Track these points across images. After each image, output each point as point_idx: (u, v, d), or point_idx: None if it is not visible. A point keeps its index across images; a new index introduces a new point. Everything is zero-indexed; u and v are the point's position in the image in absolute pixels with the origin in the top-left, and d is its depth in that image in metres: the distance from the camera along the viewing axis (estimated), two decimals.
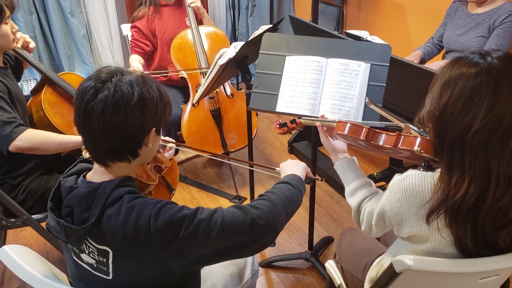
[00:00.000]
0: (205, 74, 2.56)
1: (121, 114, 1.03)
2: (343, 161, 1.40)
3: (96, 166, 1.13)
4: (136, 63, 2.91)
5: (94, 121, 1.03)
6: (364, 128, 1.28)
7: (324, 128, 1.46)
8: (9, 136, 1.73)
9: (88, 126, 1.04)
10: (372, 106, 1.41)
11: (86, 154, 1.72)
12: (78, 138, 1.84)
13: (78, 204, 1.06)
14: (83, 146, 1.10)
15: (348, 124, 1.31)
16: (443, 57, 2.75)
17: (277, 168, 1.44)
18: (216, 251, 1.07)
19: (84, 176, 1.14)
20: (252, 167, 2.32)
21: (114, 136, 1.05)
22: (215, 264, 1.27)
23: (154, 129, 1.11)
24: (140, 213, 1.02)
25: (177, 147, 1.64)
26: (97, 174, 1.12)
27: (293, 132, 1.62)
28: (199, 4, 2.96)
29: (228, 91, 2.98)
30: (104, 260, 1.07)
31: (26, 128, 1.79)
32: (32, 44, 2.09)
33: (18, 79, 2.12)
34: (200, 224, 1.04)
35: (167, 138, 1.62)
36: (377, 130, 1.27)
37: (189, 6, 2.93)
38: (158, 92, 1.10)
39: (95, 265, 1.10)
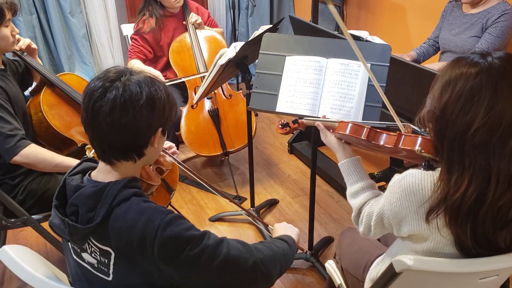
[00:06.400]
0: (204, 78, 2.58)
1: (129, 114, 1.03)
2: (348, 161, 1.38)
3: (101, 164, 1.13)
4: (151, 68, 2.98)
5: (102, 120, 1.04)
6: (366, 128, 1.28)
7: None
8: (12, 150, 1.76)
9: (96, 124, 1.05)
10: None
11: (90, 154, 1.72)
12: (75, 162, 1.84)
13: (84, 203, 1.06)
14: (88, 146, 1.11)
15: (350, 124, 1.32)
16: (439, 58, 2.75)
17: (270, 226, 1.46)
18: (210, 282, 1.08)
19: (89, 175, 1.14)
20: (249, 216, 2.21)
21: (121, 135, 1.06)
22: None
23: (160, 129, 1.12)
24: (150, 221, 1.02)
25: (175, 158, 1.66)
26: (102, 173, 1.13)
27: (294, 132, 1.62)
28: (200, 20, 3.04)
29: (226, 92, 2.99)
30: (106, 260, 1.07)
31: (29, 142, 1.80)
32: (33, 46, 2.09)
33: (25, 88, 2.12)
34: (205, 250, 1.04)
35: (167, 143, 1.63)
36: (378, 130, 1.27)
37: (192, 24, 3.01)
38: (166, 93, 1.11)
39: (96, 265, 1.10)
